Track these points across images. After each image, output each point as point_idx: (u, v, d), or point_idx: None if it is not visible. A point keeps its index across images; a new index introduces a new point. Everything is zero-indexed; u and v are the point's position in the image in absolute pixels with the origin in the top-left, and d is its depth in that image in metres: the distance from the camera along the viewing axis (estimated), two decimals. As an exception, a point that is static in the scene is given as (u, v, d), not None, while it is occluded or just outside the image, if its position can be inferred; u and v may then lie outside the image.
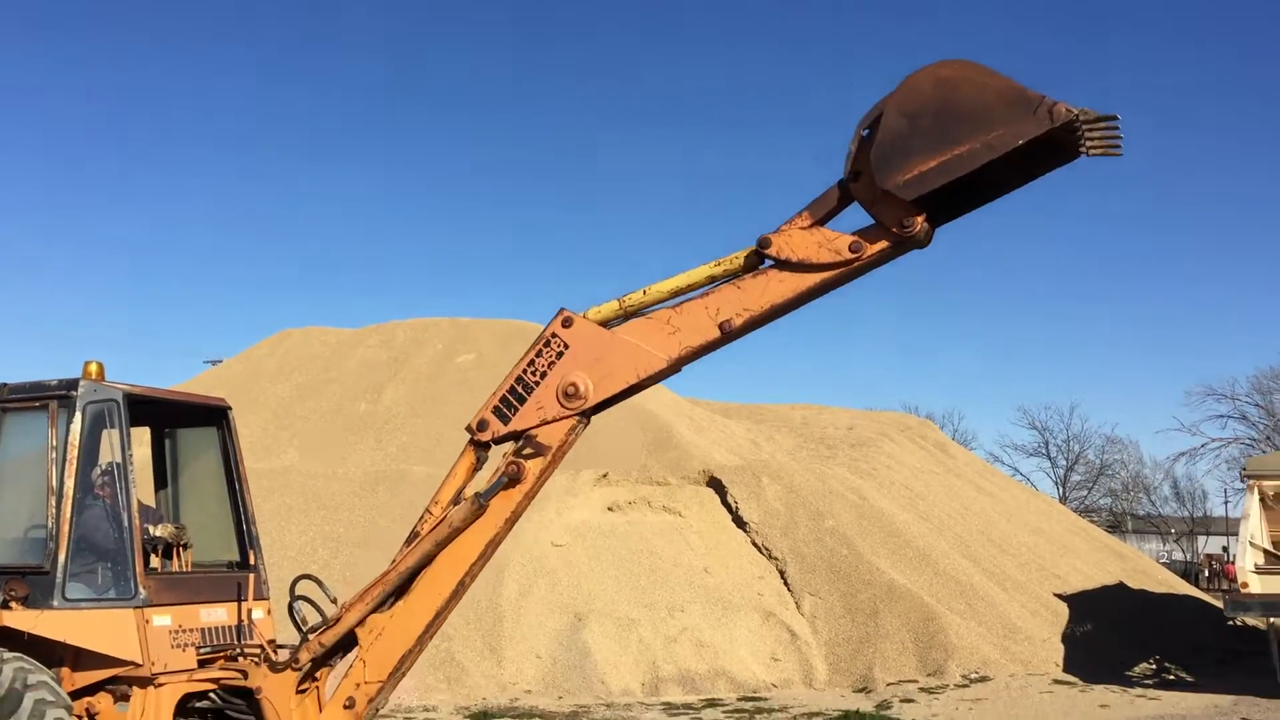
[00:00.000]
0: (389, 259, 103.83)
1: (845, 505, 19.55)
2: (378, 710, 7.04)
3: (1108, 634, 18.00)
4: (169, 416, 8.12)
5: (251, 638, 7.27)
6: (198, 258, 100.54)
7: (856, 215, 6.39)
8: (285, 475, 19.41)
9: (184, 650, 6.93)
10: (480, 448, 6.98)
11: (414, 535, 6.95)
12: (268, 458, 19.84)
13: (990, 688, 14.73)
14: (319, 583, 7.28)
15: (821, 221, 6.47)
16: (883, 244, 6.35)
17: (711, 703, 14.22)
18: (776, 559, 18.12)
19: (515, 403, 6.84)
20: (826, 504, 19.29)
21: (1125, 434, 74.22)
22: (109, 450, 7.18)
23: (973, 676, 15.23)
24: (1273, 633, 14.96)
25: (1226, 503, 51.04)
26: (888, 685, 14.96)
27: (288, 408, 22.65)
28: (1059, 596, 19.24)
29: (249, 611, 7.38)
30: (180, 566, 7.44)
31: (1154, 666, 17.03)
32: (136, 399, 7.31)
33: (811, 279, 6.47)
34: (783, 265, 6.48)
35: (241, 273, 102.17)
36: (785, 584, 17.54)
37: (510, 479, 6.80)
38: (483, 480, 7.06)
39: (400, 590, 6.91)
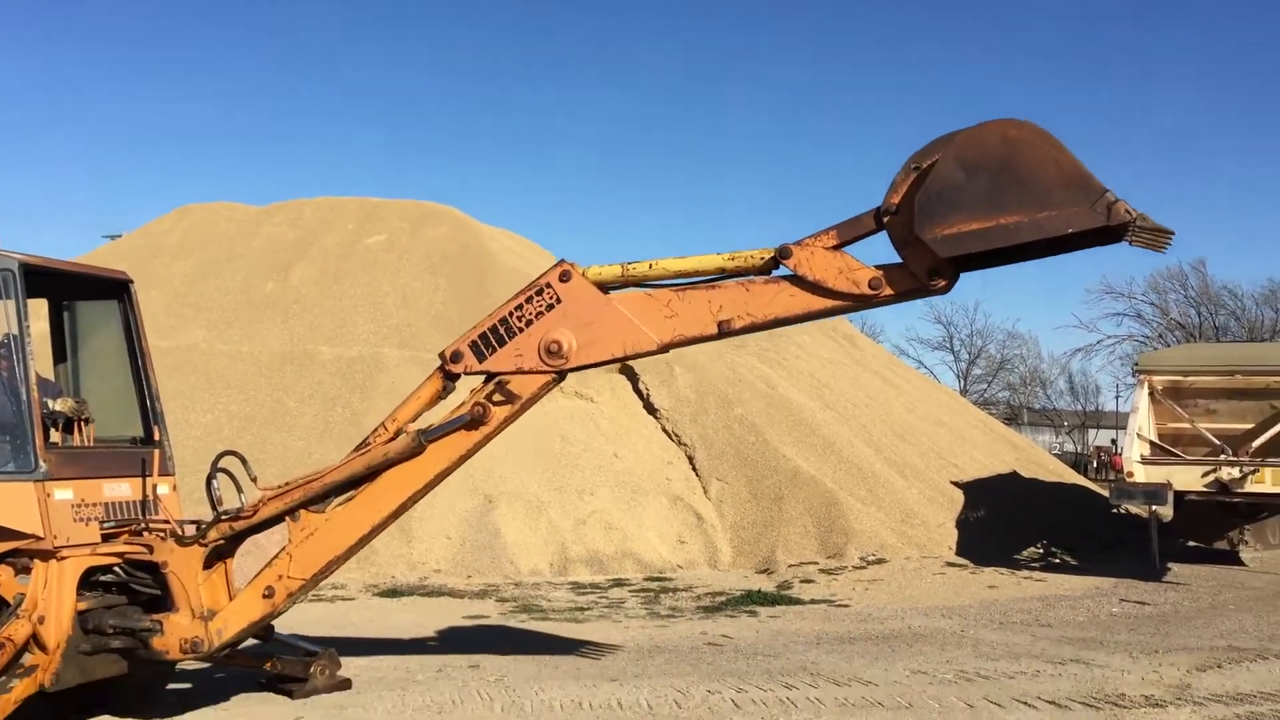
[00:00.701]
0: (293, 135, 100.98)
1: (754, 394, 19.86)
2: (294, 604, 7.06)
3: (999, 520, 18.71)
4: (68, 289, 7.88)
5: (157, 513, 7.22)
6: (96, 125, 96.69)
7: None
8: (190, 354, 19.06)
9: (86, 524, 6.85)
10: (449, 377, 6.85)
11: (362, 445, 6.88)
12: (172, 336, 19.42)
13: (886, 569, 15.27)
14: (243, 460, 7.22)
15: (848, 243, 6.31)
16: (903, 288, 6.23)
17: (619, 582, 14.52)
18: (685, 445, 18.41)
19: (495, 343, 6.68)
20: (736, 392, 19.56)
21: (1026, 329, 76.30)
22: (4, 322, 6.96)
23: (870, 559, 15.77)
24: (1153, 520, 15.70)
25: (1118, 397, 52.93)
26: (789, 567, 15.41)
27: (191, 285, 22.12)
28: (955, 484, 19.89)
29: (154, 487, 7.31)
30: (82, 441, 7.30)
31: (1041, 551, 17.78)
32: (33, 269, 7.07)
33: (823, 303, 6.33)
34: (797, 281, 6.32)
35: (142, 143, 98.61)
36: (693, 469, 17.86)
37: (473, 420, 6.69)
38: (446, 408, 6.96)
39: (327, 496, 6.85)
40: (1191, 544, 17.88)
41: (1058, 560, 17.19)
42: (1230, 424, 16.73)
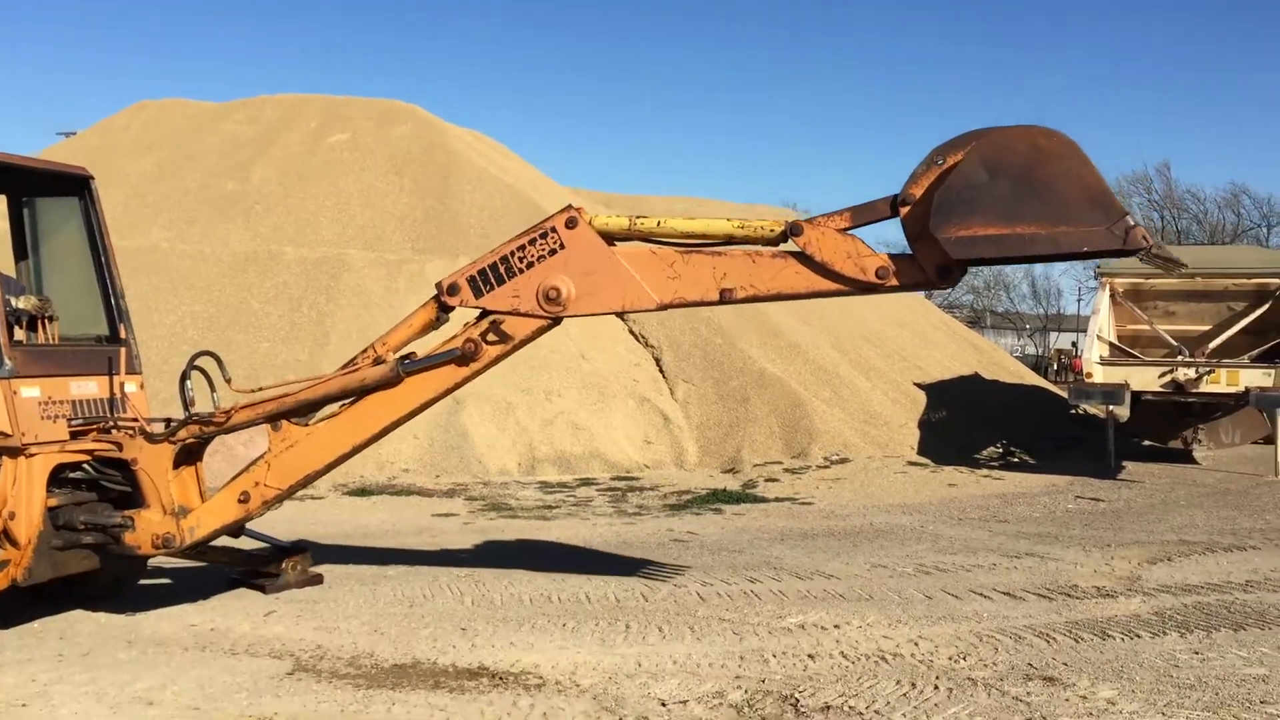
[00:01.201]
0: (251, 30, 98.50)
1: (720, 296, 19.91)
2: (269, 511, 7.12)
3: (960, 420, 19.02)
4: (27, 185, 7.75)
5: (125, 411, 7.22)
6: (48, 15, 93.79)
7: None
8: (151, 255, 18.81)
9: (55, 422, 6.85)
10: (444, 308, 6.77)
11: (349, 364, 6.85)
12: (132, 236, 19.15)
13: (849, 468, 15.54)
14: (219, 361, 7.19)
15: (860, 226, 6.23)
16: (909, 281, 6.19)
17: (586, 482, 14.70)
18: (653, 347, 18.51)
19: (494, 280, 6.58)
20: (702, 294, 19.61)
21: (991, 234, 76.37)
22: (-38, 217, 6.87)
23: (833, 458, 16.02)
24: (1110, 420, 16.00)
25: (1079, 300, 53.57)
26: (754, 466, 15.65)
27: (149, 184, 21.74)
28: (918, 385, 20.15)
29: (121, 385, 7.29)
30: (47, 339, 7.26)
31: (1000, 450, 18.14)
32: (-11, 164, 6.96)
33: (827, 285, 6.27)
34: (805, 259, 6.25)
35: (97, 35, 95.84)
36: (660, 371, 17.99)
37: (463, 356, 6.64)
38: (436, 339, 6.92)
39: (300, 412, 6.83)
40: (1147, 443, 18.31)
41: (1016, 459, 17.54)
42: (1189, 325, 17.02)
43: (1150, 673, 6.23)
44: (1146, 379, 15.76)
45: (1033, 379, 26.32)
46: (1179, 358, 15.95)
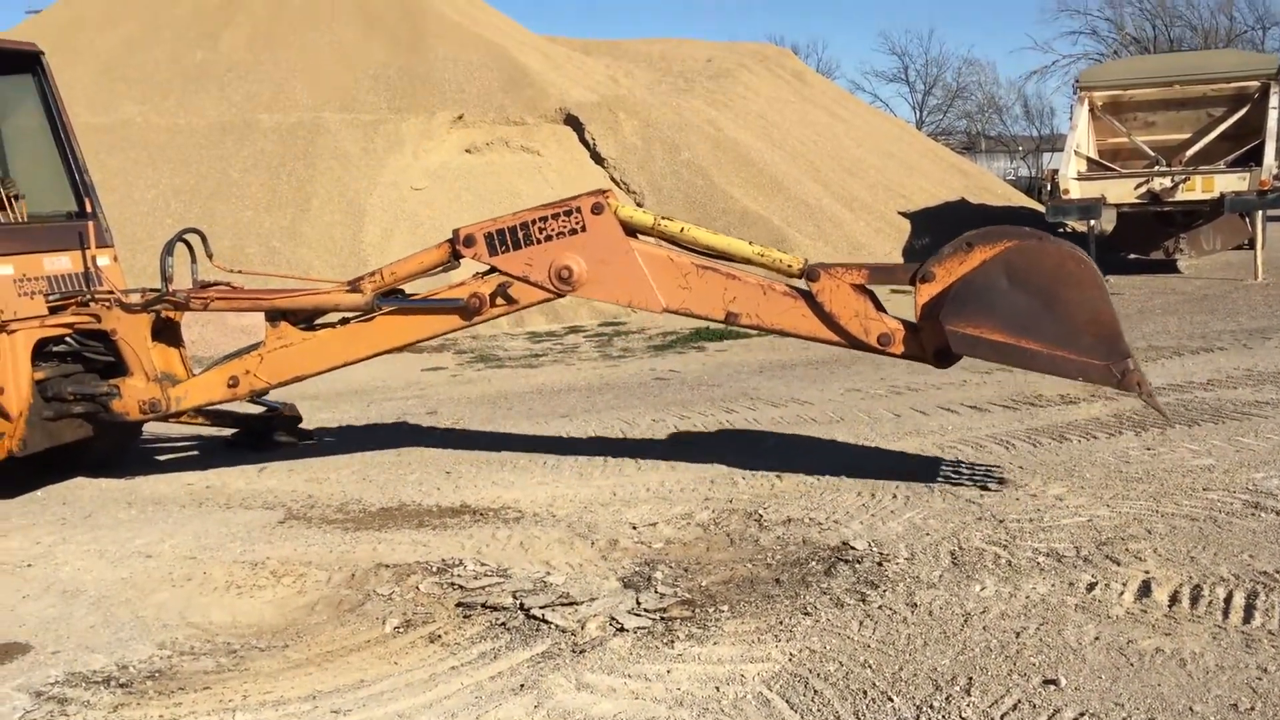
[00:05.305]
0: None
1: (701, 137, 19.82)
2: (255, 397, 7.33)
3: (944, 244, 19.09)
4: (-23, 65, 7.76)
5: (100, 284, 7.39)
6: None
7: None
8: (126, 129, 18.73)
9: (32, 298, 7.03)
10: (456, 255, 6.79)
11: (354, 281, 6.93)
12: (105, 112, 19.02)
13: (833, 300, 15.72)
14: (203, 237, 7.31)
15: (874, 284, 6.27)
16: (908, 352, 6.28)
17: (574, 329, 14.95)
18: (634, 192, 18.52)
19: (510, 243, 6.57)
20: (682, 137, 19.53)
21: (982, 56, 75.06)
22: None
23: (818, 291, 16.20)
24: (1091, 234, 16.11)
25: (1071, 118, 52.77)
26: (739, 304, 15.84)
27: (119, 58, 21.44)
28: (902, 214, 20.21)
29: (94, 259, 7.44)
30: (15, 219, 7.38)
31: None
32: (-63, 44, 6.97)
33: (829, 335, 6.36)
34: (814, 305, 6.28)
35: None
36: (643, 215, 18.03)
37: (466, 310, 6.69)
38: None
39: (273, 318, 6.92)
40: (1131, 256, 18.43)
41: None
42: (1168, 135, 16.97)
43: (1101, 470, 6.52)
44: (1123, 191, 15.80)
45: (1021, 200, 26.32)
46: (1155, 168, 15.95)
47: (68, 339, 7.21)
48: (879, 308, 6.39)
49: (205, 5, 22.78)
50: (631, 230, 6.58)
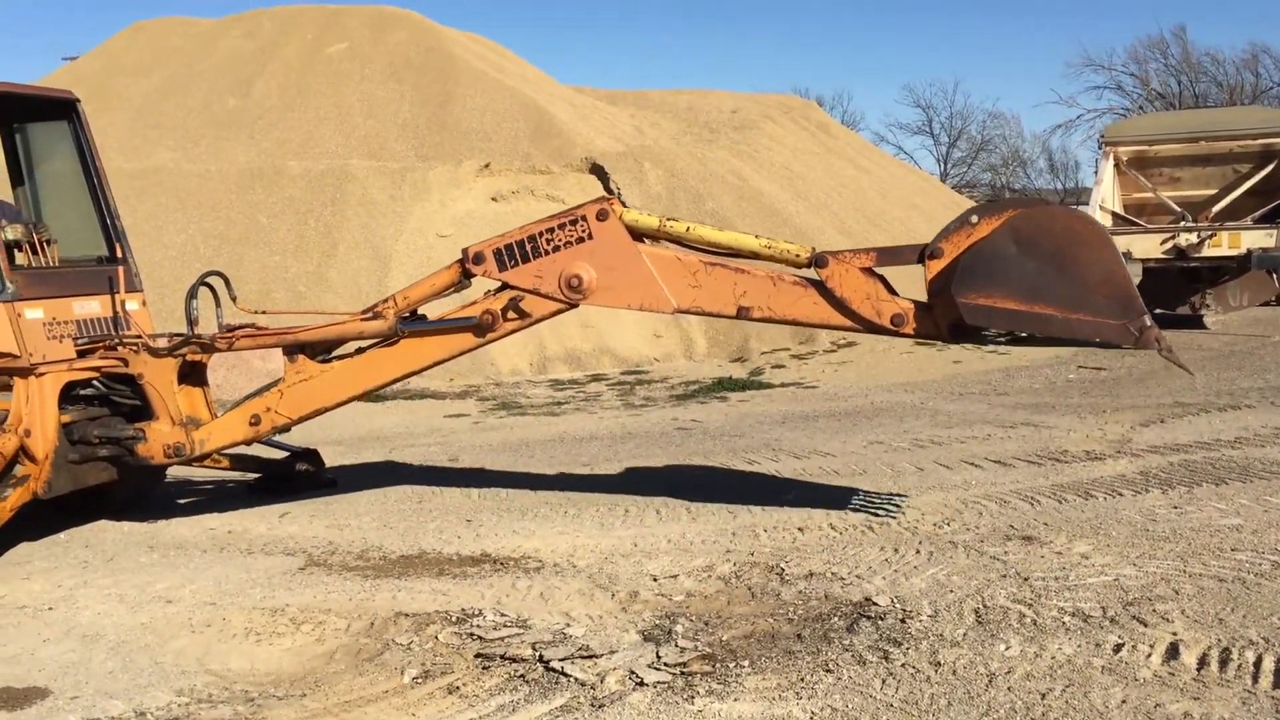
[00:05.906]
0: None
1: (725, 188, 19.92)
2: (276, 434, 7.36)
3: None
4: (15, 111, 7.88)
5: (128, 328, 7.46)
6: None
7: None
8: (158, 175, 18.97)
9: (61, 341, 7.09)
10: (467, 274, 6.86)
11: (370, 309, 6.99)
12: (137, 158, 19.29)
13: (855, 352, 15.72)
14: (226, 280, 7.38)
15: (883, 267, 6.27)
16: (923, 331, 6.27)
17: (596, 377, 14.96)
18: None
19: (519, 257, 6.61)
20: (707, 187, 19.63)
21: (1007, 108, 75.36)
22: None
23: (840, 343, 16.20)
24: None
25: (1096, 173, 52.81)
26: (761, 355, 15.86)
27: (153, 105, 21.77)
28: (927, 266, 20.14)
29: (123, 303, 7.51)
30: (47, 262, 7.47)
31: (1008, 328, 18.17)
32: (-23, 93, 7.09)
33: (842, 320, 6.33)
34: (824, 292, 6.28)
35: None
36: (666, 264, 18.08)
37: (480, 327, 6.74)
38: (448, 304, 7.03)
39: (300, 351, 6.98)
40: (1158, 311, 18.32)
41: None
42: (1194, 191, 16.94)
43: (1127, 528, 6.45)
44: (1149, 247, 15.76)
45: (1046, 254, 26.18)
46: (1181, 223, 15.91)
47: (95, 382, 7.27)
48: (890, 290, 6.33)
49: (239, 54, 23.15)
50: (638, 234, 6.58)
